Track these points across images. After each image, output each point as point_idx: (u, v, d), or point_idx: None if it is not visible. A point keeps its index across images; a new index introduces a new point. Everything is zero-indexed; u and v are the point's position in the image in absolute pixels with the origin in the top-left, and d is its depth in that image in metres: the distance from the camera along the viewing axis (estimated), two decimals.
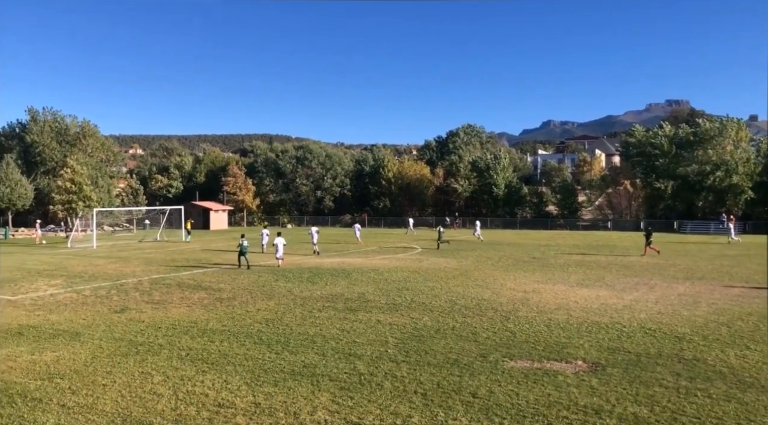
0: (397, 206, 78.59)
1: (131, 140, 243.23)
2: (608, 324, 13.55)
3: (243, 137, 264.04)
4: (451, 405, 8.18)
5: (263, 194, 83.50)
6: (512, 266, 26.18)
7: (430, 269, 24.93)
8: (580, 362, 10.41)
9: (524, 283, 20.71)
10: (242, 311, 15.32)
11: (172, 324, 13.70)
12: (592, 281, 21.09)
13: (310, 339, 12.18)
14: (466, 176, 76.56)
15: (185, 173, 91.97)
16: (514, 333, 12.63)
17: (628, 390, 8.81)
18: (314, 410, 8.01)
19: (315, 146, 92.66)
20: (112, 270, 25.26)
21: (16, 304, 16.71)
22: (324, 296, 17.85)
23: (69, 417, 7.77)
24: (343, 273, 23.49)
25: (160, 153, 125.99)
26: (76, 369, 10.01)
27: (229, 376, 9.56)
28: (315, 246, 33.04)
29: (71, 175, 55.83)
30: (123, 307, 16.08)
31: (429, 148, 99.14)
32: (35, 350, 11.31)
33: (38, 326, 13.59)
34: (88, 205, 54.54)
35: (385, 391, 8.80)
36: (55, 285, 20.62)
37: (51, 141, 73.92)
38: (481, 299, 17.23)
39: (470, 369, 9.94)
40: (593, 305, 16.22)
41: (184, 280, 21.77)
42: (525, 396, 8.56)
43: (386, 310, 15.44)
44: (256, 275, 23.17)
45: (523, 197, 76.32)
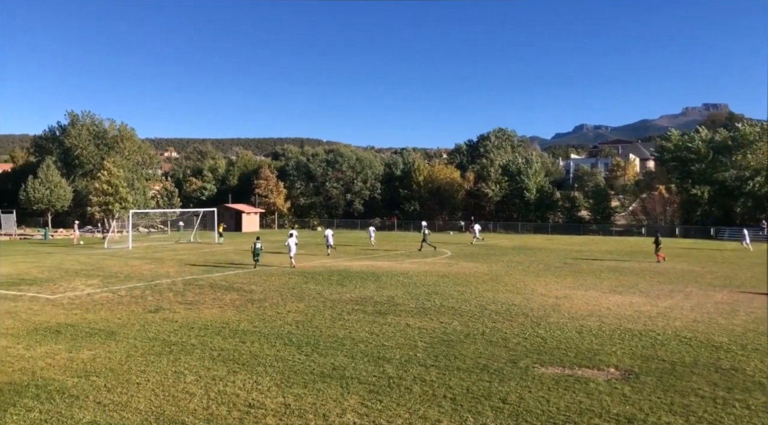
0: (426, 209, 78.47)
1: (167, 143, 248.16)
2: (642, 332, 13.30)
3: (275, 141, 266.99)
4: (481, 411, 8.12)
5: (294, 197, 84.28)
6: (543, 272, 25.89)
7: (459, 274, 24.82)
8: (613, 369, 10.24)
9: (555, 289, 20.46)
10: (273, 313, 15.47)
11: (204, 325, 13.90)
12: (625, 288, 20.73)
13: (340, 341, 12.23)
14: (497, 180, 76.07)
15: (219, 175, 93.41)
16: (545, 339, 12.49)
17: (663, 399, 8.63)
18: (343, 412, 8.04)
19: (346, 150, 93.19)
20: (146, 271, 25.76)
21: (54, 303, 17.17)
22: (353, 299, 17.91)
23: (104, 414, 7.95)
24: (372, 276, 23.53)
25: (195, 156, 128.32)
26: (112, 367, 10.23)
27: (259, 377, 9.66)
28: (329, 248, 35.06)
29: (108, 177, 57.15)
30: (157, 307, 16.38)
31: (459, 152, 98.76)
32: (73, 348, 11.60)
33: (76, 324, 13.93)
34: (124, 206, 55.78)
35: (414, 395, 8.79)
36: (92, 285, 21.11)
37: (89, 144, 75.87)
38: (511, 304, 17.08)
39: (500, 374, 9.86)
40: (626, 312, 15.94)
41: (216, 281, 22.08)
42: (556, 402, 8.46)
43: (415, 314, 15.41)
44: (287, 277, 23.37)
45: (555, 201, 75.49)
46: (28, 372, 9.91)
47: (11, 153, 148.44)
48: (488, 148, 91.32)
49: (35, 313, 15.40)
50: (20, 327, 13.65)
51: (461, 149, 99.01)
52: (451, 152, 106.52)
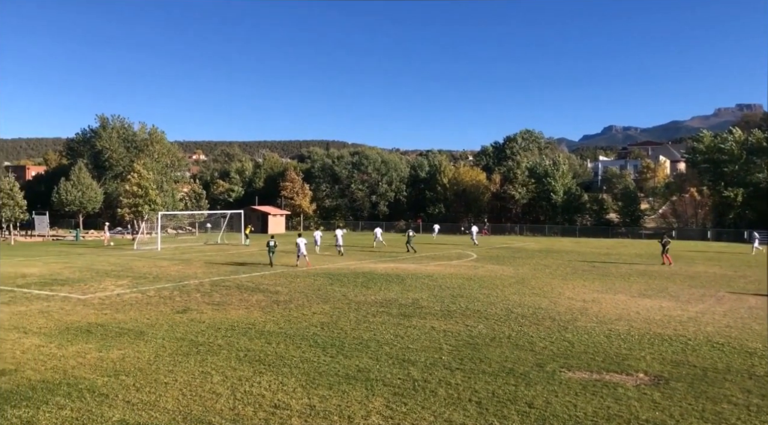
0: (452, 212, 78.17)
1: (195, 146, 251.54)
2: (672, 336, 13.05)
3: (301, 143, 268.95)
4: (507, 415, 8.04)
5: (319, 199, 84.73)
6: (571, 275, 25.58)
7: (485, 277, 24.66)
8: (642, 374, 10.06)
9: (583, 292, 20.20)
10: (298, 314, 15.55)
11: (231, 325, 14.03)
12: (654, 292, 20.37)
13: (365, 343, 12.23)
14: (523, 182, 75.46)
15: (245, 178, 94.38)
16: (573, 343, 12.33)
17: (694, 406, 8.44)
18: (368, 414, 8.04)
19: (371, 152, 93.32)
20: (175, 272, 26.12)
21: (85, 303, 17.50)
22: (378, 301, 17.91)
23: (133, 413, 8.07)
24: (397, 279, 23.51)
25: (222, 159, 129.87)
26: (140, 366, 10.38)
27: (285, 378, 9.71)
28: (339, 247, 36.49)
29: (138, 179, 58.08)
30: (185, 308, 16.58)
31: (486, 154, 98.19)
32: (102, 347, 11.80)
33: (105, 324, 14.18)
34: (153, 208, 56.63)
35: (439, 398, 8.74)
36: (121, 285, 21.47)
37: (119, 147, 77.28)
38: (538, 307, 16.91)
39: (526, 378, 9.76)
40: (656, 316, 15.66)
41: (243, 282, 22.28)
42: (583, 407, 8.34)
43: (440, 317, 15.35)
44: (312, 278, 23.48)
45: (583, 204, 74.59)
46: (60, 370, 10.11)
47: (45, 156, 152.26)
48: (515, 150, 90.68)
49: (67, 313, 15.71)
50: (52, 326, 13.94)
51: (487, 151, 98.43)
52: (477, 154, 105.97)
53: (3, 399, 8.58)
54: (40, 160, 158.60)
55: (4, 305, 16.84)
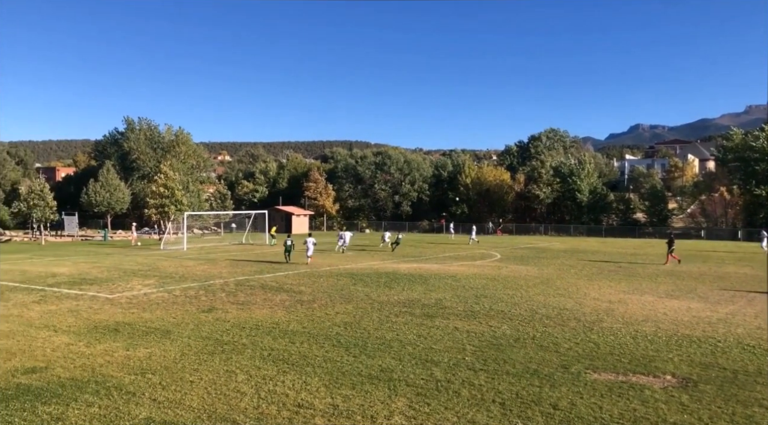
0: (475, 212, 77.79)
1: (220, 147, 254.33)
2: (701, 338, 12.81)
3: (324, 144, 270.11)
4: (531, 416, 7.97)
5: (342, 200, 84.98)
6: (596, 275, 25.27)
7: (509, 277, 24.49)
8: (669, 377, 9.89)
9: (609, 293, 19.94)
10: (321, 314, 15.61)
11: (255, 325, 14.14)
12: (683, 293, 20.02)
13: (387, 343, 12.23)
14: (548, 181, 74.78)
15: (269, 178, 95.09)
16: (598, 345, 12.17)
17: (723, 409, 8.27)
18: (391, 414, 8.03)
19: (394, 152, 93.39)
20: (200, 272, 26.42)
21: (113, 302, 17.79)
22: (401, 301, 17.90)
23: (159, 411, 8.17)
24: (420, 279, 23.47)
25: (247, 159, 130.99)
26: (167, 365, 10.51)
27: (308, 377, 9.75)
28: (343, 246, 38.39)
29: (164, 180, 58.86)
30: (210, 307, 16.76)
31: (509, 153, 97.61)
32: (130, 346, 11.98)
33: (133, 323, 14.39)
34: (180, 209, 57.33)
35: (463, 399, 8.70)
36: (148, 285, 21.79)
37: (146, 148, 78.45)
38: (562, 308, 16.73)
39: (551, 379, 9.66)
40: (684, 317, 15.39)
41: (267, 282, 22.45)
42: (609, 409, 8.22)
43: (464, 317, 15.28)
44: (335, 278, 23.55)
45: (609, 203, 73.66)
46: (88, 368, 10.29)
47: (74, 157, 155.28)
48: (539, 149, 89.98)
49: (95, 312, 15.99)
50: (81, 324, 14.20)
51: (511, 151, 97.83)
52: (501, 154, 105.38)
53: (34, 395, 8.77)
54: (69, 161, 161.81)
55: (35, 304, 17.21)
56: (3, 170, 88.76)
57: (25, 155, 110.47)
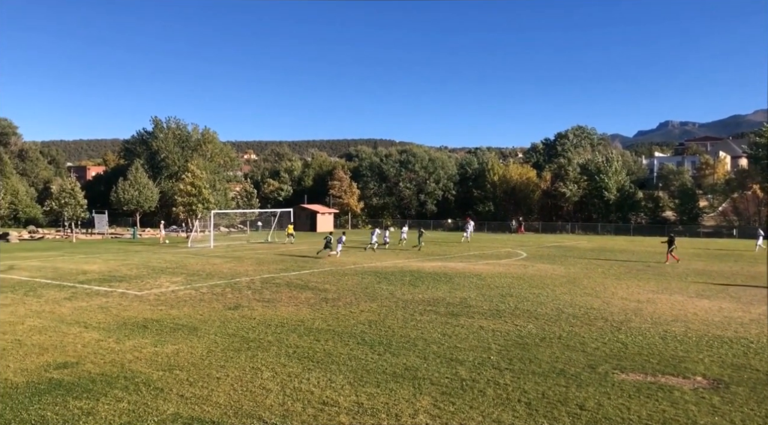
0: (501, 210, 77.27)
1: (246, 146, 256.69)
2: (732, 339, 12.53)
3: (349, 142, 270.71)
4: (557, 416, 7.89)
5: (367, 198, 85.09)
6: (624, 275, 24.91)
7: (535, 276, 24.27)
8: (700, 378, 9.70)
9: (637, 292, 19.63)
10: (346, 312, 15.65)
11: (280, 322, 14.24)
12: (714, 292, 19.62)
13: (412, 342, 12.21)
14: (575, 179, 73.92)
15: (295, 177, 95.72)
16: (626, 345, 11.99)
17: (756, 412, 8.08)
18: (415, 413, 8.01)
19: (418, 150, 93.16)
20: (227, 269, 26.70)
21: (142, 299, 18.08)
22: (426, 299, 17.86)
23: (186, 406, 8.28)
24: (444, 277, 23.39)
25: (272, 158, 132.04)
26: (194, 361, 10.64)
27: (333, 375, 9.78)
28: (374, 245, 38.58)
29: (192, 179, 59.59)
30: (236, 304, 16.93)
31: (536, 150, 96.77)
32: (158, 342, 12.16)
33: (161, 320, 14.60)
34: (207, 207, 58.00)
35: (488, 398, 8.65)
36: (176, 282, 22.09)
37: (174, 147, 79.54)
38: (590, 308, 16.53)
39: (577, 379, 9.55)
40: (715, 317, 15.08)
41: (292, 280, 22.59)
42: (637, 410, 8.10)
43: (489, 316, 15.18)
44: (360, 276, 23.60)
45: (638, 201, 72.54)
46: (118, 364, 10.47)
47: (104, 156, 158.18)
48: (566, 146, 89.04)
49: (124, 308, 16.27)
50: (111, 321, 14.45)
51: (537, 148, 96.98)
52: (527, 151, 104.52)
53: (65, 390, 8.95)
54: (99, 160, 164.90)
55: (67, 301, 17.57)
56: (35, 169, 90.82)
57: (57, 155, 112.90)
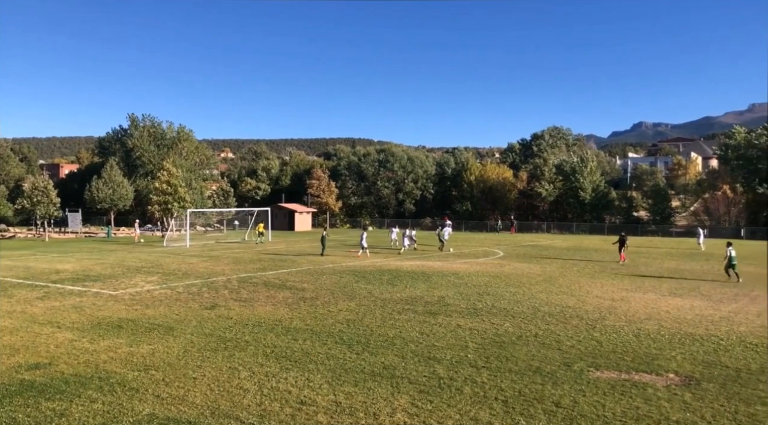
0: (478, 209, 77.76)
1: (223, 144, 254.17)
2: (703, 336, 12.80)
3: (327, 141, 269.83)
4: (533, 414, 7.98)
5: (345, 197, 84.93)
6: (599, 274, 25.26)
7: (512, 275, 24.48)
8: (672, 375, 9.89)
9: (612, 291, 19.93)
10: (324, 311, 15.63)
11: (258, 322, 14.17)
12: (686, 291, 20.00)
13: (390, 340, 12.25)
14: (550, 179, 74.68)
15: (272, 175, 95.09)
16: (601, 343, 12.17)
17: (726, 407, 8.28)
18: (393, 412, 8.05)
19: (397, 149, 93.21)
20: (203, 268, 26.47)
21: (116, 298, 17.84)
22: (404, 298, 17.91)
23: (162, 407, 8.20)
24: (422, 276, 23.48)
25: (249, 157, 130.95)
26: (170, 361, 10.55)
27: (311, 374, 9.78)
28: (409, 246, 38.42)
29: (167, 177, 58.87)
30: (213, 304, 16.80)
31: (512, 151, 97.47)
32: (133, 342, 12.02)
33: (136, 319, 14.44)
34: (183, 206, 57.34)
35: (465, 396, 8.71)
36: (151, 282, 21.84)
37: (149, 145, 78.53)
38: (565, 306, 16.73)
39: (553, 377, 9.67)
40: (687, 315, 15.38)
41: (269, 279, 22.49)
42: (611, 407, 8.23)
43: (466, 315, 15.29)
44: (338, 276, 23.58)
45: (612, 201, 73.51)
46: (92, 364, 10.33)
47: (77, 154, 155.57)
48: (542, 147, 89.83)
49: (98, 308, 16.04)
50: (85, 321, 14.24)
51: (514, 148, 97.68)
52: (504, 151, 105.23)
53: (38, 392, 8.80)
54: (73, 158, 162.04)
55: (39, 301, 17.26)
56: (6, 166, 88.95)
57: (29, 152, 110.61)
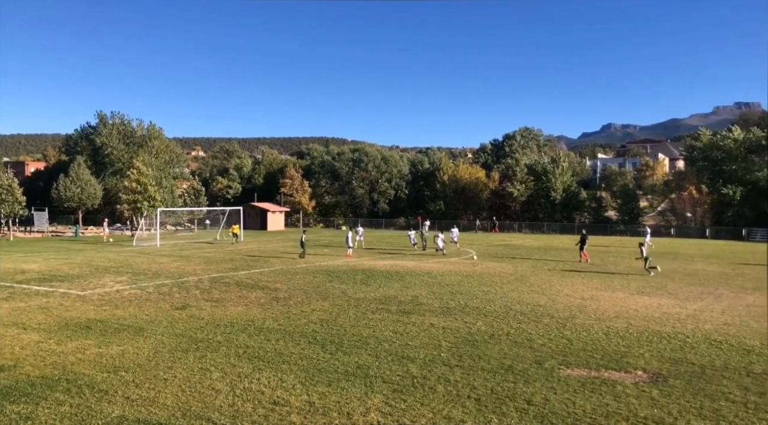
0: (451, 209, 78.20)
1: (194, 142, 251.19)
2: (670, 334, 13.08)
3: (300, 140, 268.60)
4: (505, 412, 8.07)
5: (319, 196, 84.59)
6: (569, 273, 25.62)
7: (484, 274, 24.69)
8: (640, 372, 10.09)
9: (582, 290, 20.23)
10: (297, 311, 15.57)
11: (230, 322, 14.05)
12: (653, 289, 20.41)
13: (364, 340, 12.25)
14: (522, 179, 75.42)
15: (244, 174, 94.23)
16: (571, 341, 12.36)
17: (692, 403, 8.47)
18: (367, 411, 8.06)
19: (371, 149, 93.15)
20: (174, 268, 26.12)
21: (85, 299, 17.51)
22: (377, 298, 17.93)
23: (132, 409, 8.08)
24: (396, 276, 23.54)
25: (221, 155, 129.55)
26: (140, 363, 10.39)
27: (284, 374, 9.73)
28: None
29: (137, 176, 58.00)
30: (184, 304, 16.60)
31: (485, 151, 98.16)
32: (102, 343, 11.81)
33: (105, 320, 14.19)
34: (153, 205, 56.52)
35: (438, 395, 8.77)
36: (120, 282, 21.48)
37: (119, 143, 77.19)
38: (536, 305, 16.94)
39: (525, 375, 9.79)
40: (654, 314, 15.70)
41: (242, 279, 22.30)
42: (582, 405, 8.36)
43: (440, 314, 15.38)
44: (311, 275, 23.49)
45: (582, 201, 74.55)
46: (59, 366, 10.12)
47: (44, 152, 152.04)
48: (514, 147, 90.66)
49: (66, 309, 15.72)
50: (52, 322, 13.95)
51: (486, 149, 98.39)
52: (476, 152, 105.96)
53: (2, 395, 8.60)
54: (39, 156, 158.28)
55: (4, 301, 16.85)
56: None
57: None
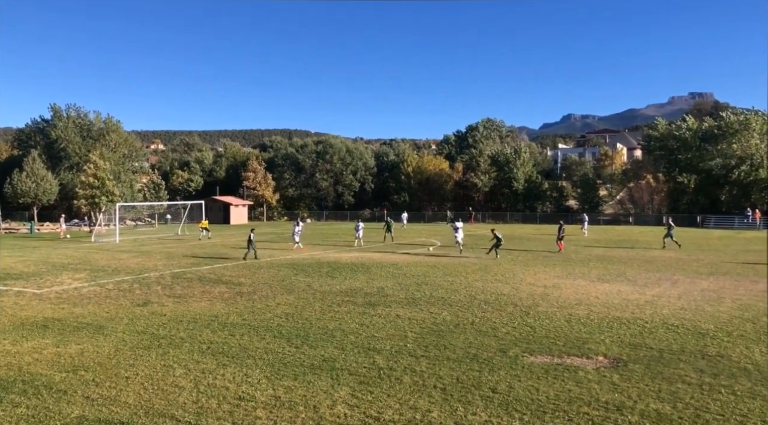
0: (416, 200, 78.54)
1: (153, 136, 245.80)
2: (630, 320, 13.41)
3: (263, 132, 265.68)
4: (471, 400, 8.16)
5: (283, 189, 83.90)
6: (532, 261, 26.01)
7: (449, 264, 24.88)
8: (601, 357, 10.32)
9: (544, 278, 20.56)
10: (262, 306, 15.43)
11: (193, 318, 13.84)
12: (613, 277, 20.88)
13: (330, 333, 12.22)
14: (485, 170, 76.18)
15: (206, 168, 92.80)
16: (534, 329, 12.56)
17: (651, 387, 8.71)
18: (334, 404, 8.04)
19: (335, 141, 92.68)
20: (134, 264, 25.59)
21: (41, 297, 17.02)
22: (343, 290, 17.91)
23: (93, 408, 7.90)
24: (362, 268, 23.53)
25: (181, 148, 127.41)
26: (100, 361, 10.16)
27: (249, 369, 9.64)
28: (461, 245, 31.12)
29: (94, 170, 56.56)
30: (145, 301, 16.28)
31: (448, 142, 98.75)
32: (60, 342, 11.51)
33: (63, 319, 13.82)
34: (111, 200, 55.26)
35: (405, 386, 8.81)
36: (79, 279, 20.94)
37: (75, 137, 75.04)
38: (500, 294, 17.15)
39: (490, 364, 9.90)
40: (614, 300, 16.06)
41: (204, 274, 21.98)
42: (545, 391, 8.51)
43: (405, 305, 15.44)
44: (276, 269, 23.31)
45: (543, 191, 75.73)
46: (15, 367, 9.82)
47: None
48: (477, 138, 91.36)
49: (21, 308, 15.26)
50: (6, 322, 13.52)
51: (450, 140, 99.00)
52: (440, 143, 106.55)
53: None
54: None
55: None
56: None
57: None
